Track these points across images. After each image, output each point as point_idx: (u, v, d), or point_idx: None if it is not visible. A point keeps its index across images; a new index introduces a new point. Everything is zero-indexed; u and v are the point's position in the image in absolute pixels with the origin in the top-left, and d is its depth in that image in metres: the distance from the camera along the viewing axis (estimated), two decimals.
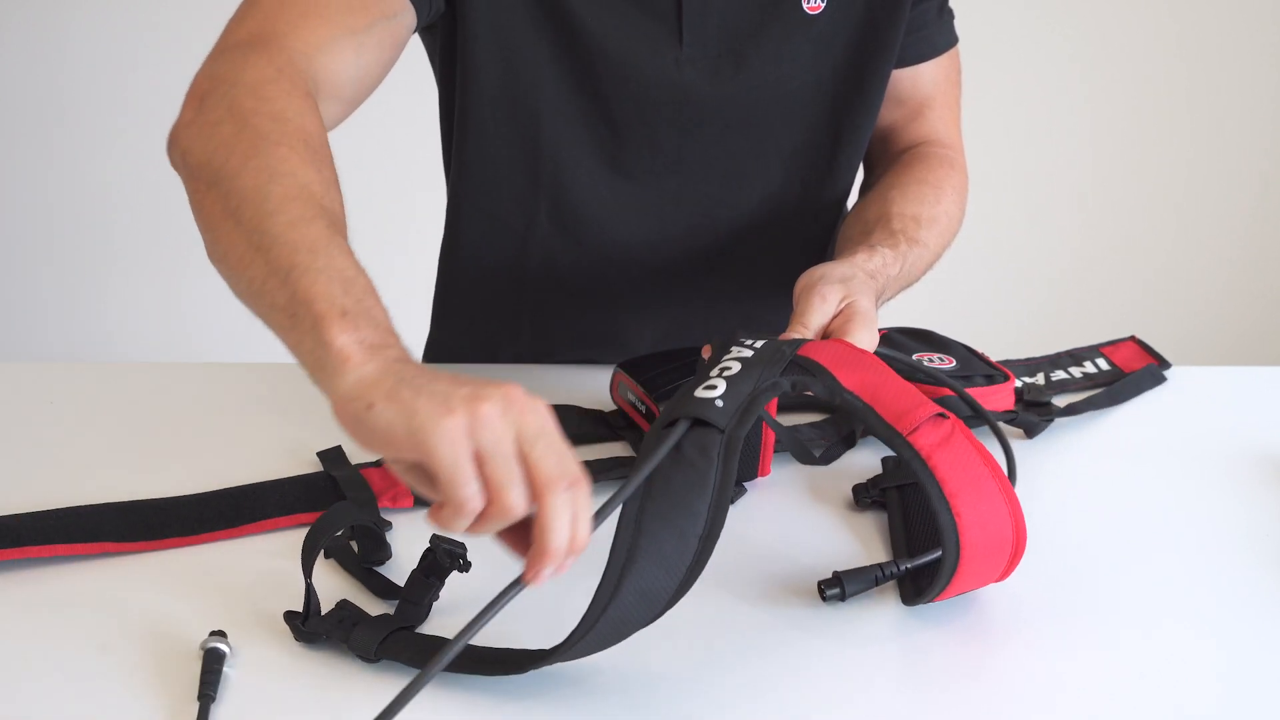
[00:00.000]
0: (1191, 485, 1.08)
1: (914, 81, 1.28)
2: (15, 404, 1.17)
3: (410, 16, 1.05)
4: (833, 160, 1.26)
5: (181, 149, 0.88)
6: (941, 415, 0.84)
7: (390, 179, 2.58)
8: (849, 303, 0.98)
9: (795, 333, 0.96)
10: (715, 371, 0.86)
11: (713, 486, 0.78)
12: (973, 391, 1.10)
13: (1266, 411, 1.22)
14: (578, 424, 1.12)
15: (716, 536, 0.78)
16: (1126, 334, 1.32)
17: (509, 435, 0.68)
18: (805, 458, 0.95)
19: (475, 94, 1.16)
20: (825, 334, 0.97)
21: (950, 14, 1.29)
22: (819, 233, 1.31)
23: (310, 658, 0.84)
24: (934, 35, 1.27)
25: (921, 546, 0.92)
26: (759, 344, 0.89)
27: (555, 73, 1.15)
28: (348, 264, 0.77)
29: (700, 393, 0.83)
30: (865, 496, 1.01)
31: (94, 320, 2.91)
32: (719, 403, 0.81)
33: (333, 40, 0.97)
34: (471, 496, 0.68)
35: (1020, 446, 1.12)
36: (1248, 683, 0.84)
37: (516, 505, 0.69)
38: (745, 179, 1.25)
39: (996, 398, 1.12)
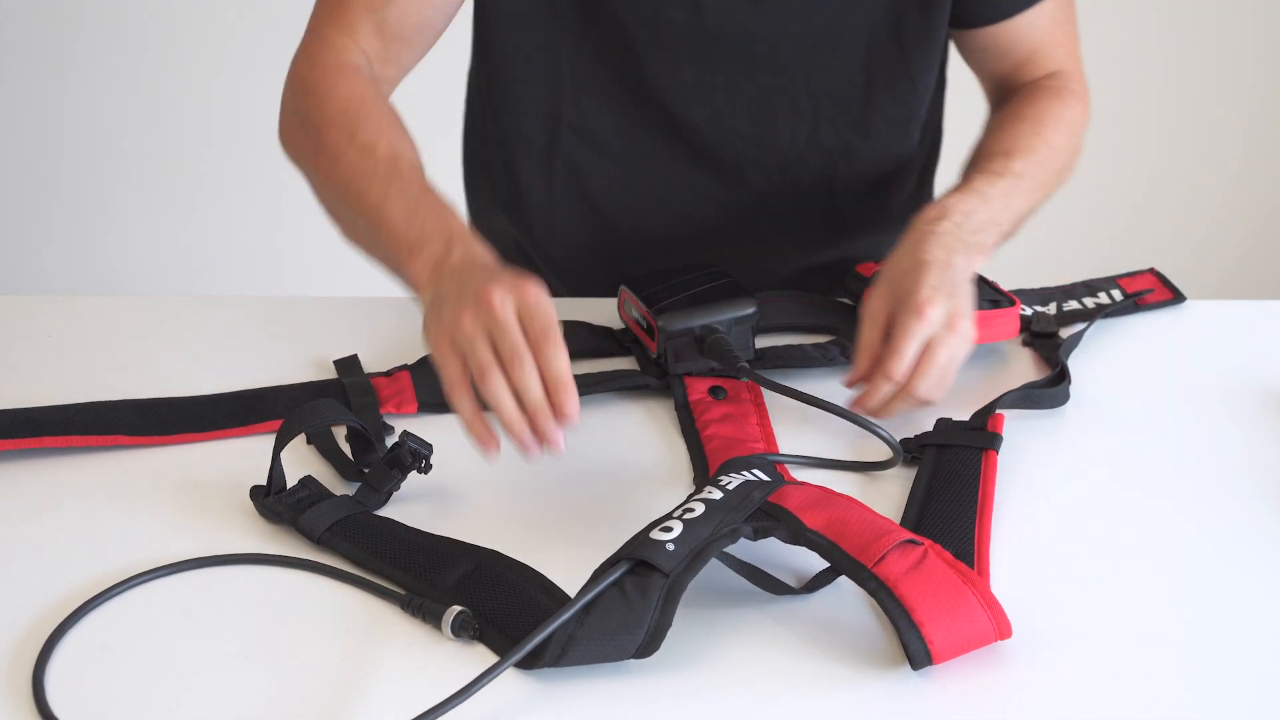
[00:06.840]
0: (1199, 420, 1.07)
1: (1013, 35, 1.22)
2: (13, 337, 1.17)
3: None
4: (865, 113, 1.23)
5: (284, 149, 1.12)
6: (912, 542, 0.83)
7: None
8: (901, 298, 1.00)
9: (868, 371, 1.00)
10: (678, 512, 0.85)
11: (646, 628, 0.78)
12: (977, 315, 1.08)
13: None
14: (586, 339, 1.15)
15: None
16: (1146, 266, 1.28)
17: (480, 334, 0.86)
18: (779, 588, 0.87)
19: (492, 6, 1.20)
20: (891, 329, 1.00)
21: None
22: (858, 187, 1.29)
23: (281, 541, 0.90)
24: None
25: (938, 513, 0.92)
26: (733, 485, 0.89)
27: None
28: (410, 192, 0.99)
29: (654, 534, 0.83)
30: (908, 453, 1.00)
31: (94, 253, 2.87)
32: (670, 546, 0.82)
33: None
34: (451, 381, 0.88)
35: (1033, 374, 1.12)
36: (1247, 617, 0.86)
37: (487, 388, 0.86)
38: (774, 119, 1.23)
39: (1000, 323, 1.11)
